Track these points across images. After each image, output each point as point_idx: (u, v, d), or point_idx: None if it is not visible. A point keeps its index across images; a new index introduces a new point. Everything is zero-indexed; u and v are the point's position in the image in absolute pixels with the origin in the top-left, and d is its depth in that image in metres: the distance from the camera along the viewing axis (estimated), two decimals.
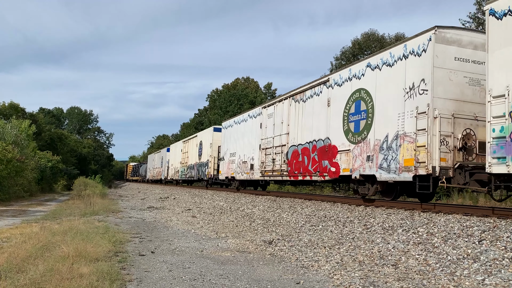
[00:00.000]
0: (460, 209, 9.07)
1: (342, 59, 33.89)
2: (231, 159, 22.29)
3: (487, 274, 5.65)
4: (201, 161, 29.70)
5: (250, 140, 19.72)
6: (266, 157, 17.65)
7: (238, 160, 21.29)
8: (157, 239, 9.87)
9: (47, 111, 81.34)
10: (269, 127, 17.61)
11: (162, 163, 47.57)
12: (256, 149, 18.85)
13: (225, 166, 23.32)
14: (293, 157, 15.28)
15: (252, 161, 19.18)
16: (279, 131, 16.70)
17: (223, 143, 24.26)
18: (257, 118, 19.07)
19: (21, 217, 14.15)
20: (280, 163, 16.38)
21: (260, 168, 18.13)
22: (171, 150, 43.16)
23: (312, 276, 6.34)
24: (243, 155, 20.47)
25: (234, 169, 21.79)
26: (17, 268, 5.95)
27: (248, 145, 19.90)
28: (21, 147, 25.85)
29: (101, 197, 25.34)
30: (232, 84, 62.75)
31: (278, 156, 16.56)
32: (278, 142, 16.66)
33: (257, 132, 18.85)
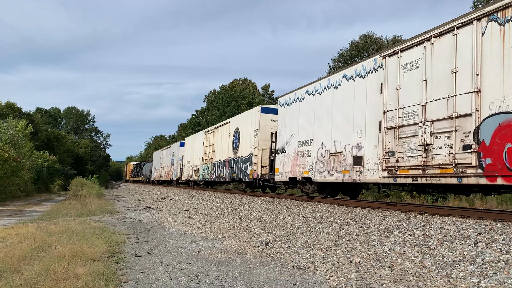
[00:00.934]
0: (457, 211, 9.10)
1: (339, 61, 33.97)
2: (302, 150, 14.99)
3: (482, 276, 5.67)
4: (239, 156, 21.81)
5: (352, 116, 12.28)
6: (399, 142, 10.28)
7: (318, 151, 13.96)
8: (154, 240, 9.85)
9: (44, 111, 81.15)
10: (410, 87, 10.09)
11: (173, 160, 40.11)
12: (369, 129, 11.46)
13: (288, 162, 15.94)
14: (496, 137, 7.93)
15: (359, 151, 11.81)
16: (443, 90, 9.17)
17: (282, 128, 16.74)
18: (370, 76, 11.67)
19: (17, 217, 14.10)
20: (446, 151, 8.93)
21: (382, 162, 10.76)
22: (187, 144, 34.81)
23: (309, 278, 6.34)
24: (332, 142, 13.15)
25: (309, 165, 14.40)
26: (13, 268, 5.93)
27: (346, 124, 12.51)
28: (17, 147, 25.77)
29: (98, 197, 25.28)
30: (229, 85, 62.77)
31: (441, 139, 9.13)
32: (439, 110, 9.22)
33: (372, 99, 11.45)
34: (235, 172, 22.04)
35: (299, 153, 15.19)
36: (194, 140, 32.89)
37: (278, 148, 16.90)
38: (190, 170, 32.60)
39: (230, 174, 22.80)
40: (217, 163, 25.72)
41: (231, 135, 23.50)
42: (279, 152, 16.76)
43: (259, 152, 19.19)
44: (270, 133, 18.40)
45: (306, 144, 14.79)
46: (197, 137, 32.25)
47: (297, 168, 15.18)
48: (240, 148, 21.67)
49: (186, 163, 34.52)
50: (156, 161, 51.38)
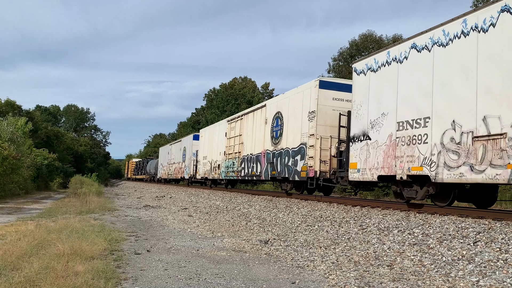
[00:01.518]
0: (456, 210, 9.11)
1: (339, 60, 33.96)
2: (407, 135, 9.84)
3: (481, 275, 5.67)
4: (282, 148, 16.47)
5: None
6: None
7: (445, 136, 8.76)
8: (153, 238, 9.86)
9: (43, 109, 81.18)
10: None
11: (185, 156, 34.78)
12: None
13: (377, 153, 10.74)
14: None
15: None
16: None
17: (361, 105, 11.61)
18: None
19: (17, 215, 14.10)
20: None
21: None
22: (203, 137, 29.52)
23: (308, 276, 6.35)
24: (479, 119, 8.02)
25: (424, 156, 9.21)
26: (12, 265, 5.93)
27: None
28: (17, 144, 25.77)
29: (97, 195, 25.28)
30: (229, 84, 62.77)
31: None
32: None
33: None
34: (276, 168, 16.87)
35: (399, 139, 10.08)
36: (212, 132, 27.37)
37: (355, 135, 11.79)
38: (208, 167, 27.12)
39: (268, 172, 17.63)
40: (247, 158, 20.25)
41: (268, 121, 18.21)
42: (357, 140, 11.68)
43: (317, 141, 13.96)
44: (337, 114, 13.36)
45: (416, 125, 9.61)
46: (216, 128, 26.48)
47: (396, 161, 10.10)
48: (284, 137, 16.38)
49: (201, 158, 28.94)
50: (163, 157, 45.53)
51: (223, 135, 24.63)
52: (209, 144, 27.57)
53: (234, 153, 22.09)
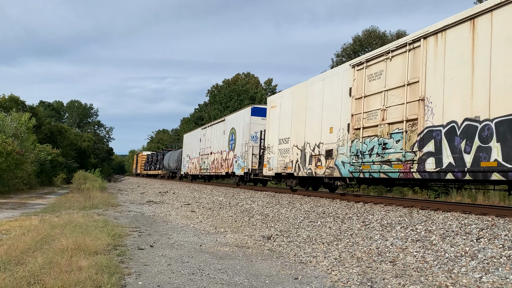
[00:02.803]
0: (459, 207, 9.09)
1: (343, 55, 33.86)
2: None
3: (484, 272, 5.67)
4: None
5: None
6: None
7: None
8: (156, 233, 9.89)
9: (47, 104, 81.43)
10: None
11: (234, 142, 23.65)
12: None
13: None
14: None
15: None
16: None
17: None
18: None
19: (21, 210, 14.18)
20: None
21: None
22: (279, 106, 17.40)
23: (310, 272, 6.37)
24: None
25: None
26: (16, 260, 5.97)
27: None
28: (21, 140, 25.88)
29: (101, 191, 25.36)
30: (232, 80, 62.73)
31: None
32: None
33: None
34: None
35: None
36: (304, 94, 15.20)
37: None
38: (294, 155, 15.69)
39: None
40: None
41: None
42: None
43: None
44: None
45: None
46: (317, 86, 14.49)
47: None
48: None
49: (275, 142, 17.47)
50: (191, 147, 33.50)
51: (341, 93, 12.81)
52: (298, 115, 15.67)
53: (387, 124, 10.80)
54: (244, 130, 22.11)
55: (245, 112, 22.42)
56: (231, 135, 24.42)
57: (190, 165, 33.48)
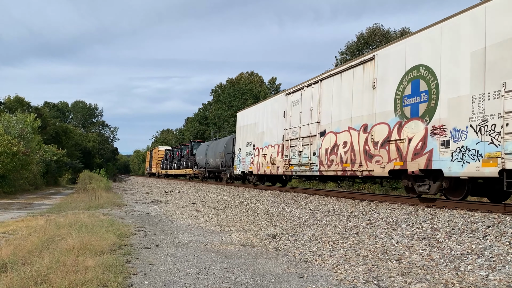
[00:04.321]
0: (465, 204, 9.05)
1: (347, 54, 33.77)
2: None
3: (491, 269, 5.64)
4: None
5: None
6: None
7: None
8: (162, 233, 9.92)
9: (52, 105, 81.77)
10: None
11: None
12: None
13: None
14: None
15: None
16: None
17: None
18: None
19: (27, 210, 14.25)
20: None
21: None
22: None
23: (316, 270, 6.36)
24: None
25: None
26: (23, 260, 6.00)
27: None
28: (26, 140, 26.00)
29: (106, 190, 25.46)
30: (236, 79, 62.76)
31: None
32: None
33: None
34: None
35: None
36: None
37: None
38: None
39: None
40: None
41: None
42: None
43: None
44: None
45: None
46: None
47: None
48: None
49: None
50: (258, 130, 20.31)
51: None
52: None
53: None
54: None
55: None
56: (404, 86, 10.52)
57: (258, 159, 19.79)
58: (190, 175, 37.28)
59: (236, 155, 23.10)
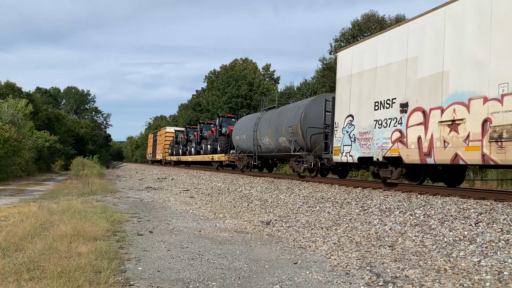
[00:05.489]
0: (458, 191, 9.11)
1: (341, 40, 33.63)
2: None
3: (483, 255, 5.69)
4: None
5: None
6: None
7: None
8: (155, 219, 9.90)
9: (44, 91, 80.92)
10: None
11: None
12: None
13: None
14: None
15: None
16: None
17: None
18: None
19: (19, 196, 14.16)
20: None
21: None
22: None
23: (310, 257, 6.38)
24: None
25: None
26: (16, 246, 5.96)
27: None
28: (18, 126, 25.72)
29: (99, 177, 25.37)
30: (230, 65, 62.39)
31: None
32: None
33: None
34: None
35: None
36: None
37: None
38: None
39: None
40: None
41: None
42: None
43: None
44: None
45: None
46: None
47: None
48: None
49: None
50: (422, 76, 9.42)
51: None
52: None
53: None
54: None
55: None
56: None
57: (423, 131, 9.39)
58: (220, 163, 26.64)
59: (341, 129, 12.73)
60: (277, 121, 17.62)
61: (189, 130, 37.57)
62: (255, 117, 21.25)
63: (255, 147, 20.11)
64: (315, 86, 36.06)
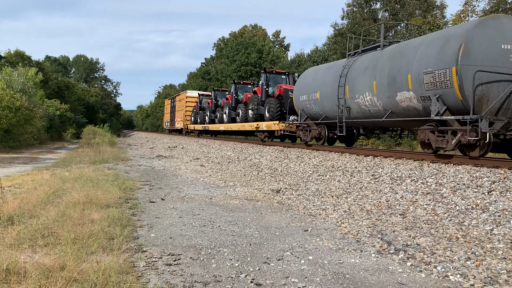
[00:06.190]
0: (470, 160, 8.99)
1: (354, 5, 32.71)
2: None
3: (495, 224, 5.65)
4: None
5: None
6: None
7: None
8: (167, 187, 9.98)
9: (53, 59, 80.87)
10: None
11: None
12: None
13: None
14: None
15: None
16: None
17: None
18: None
19: (32, 164, 14.35)
20: None
21: None
22: None
23: (320, 224, 6.40)
24: None
25: None
26: (30, 213, 6.05)
27: None
28: (28, 95, 25.86)
29: (110, 145, 25.57)
30: (239, 32, 61.42)
31: None
32: None
33: None
34: None
35: None
36: None
37: None
38: None
39: None
40: None
41: None
42: None
43: None
44: None
45: None
46: None
47: None
48: None
49: None
50: None
51: None
52: None
53: None
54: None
55: None
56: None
57: None
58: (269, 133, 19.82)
59: None
60: (393, 66, 10.95)
61: (218, 93, 30.83)
62: (338, 66, 13.86)
63: (341, 110, 13.24)
64: (326, 53, 35.38)
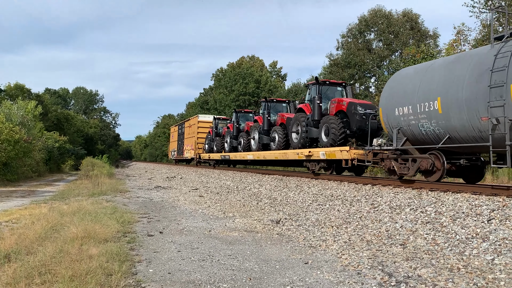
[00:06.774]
0: (469, 188, 9.00)
1: (348, 36, 33.36)
2: None
3: (496, 253, 5.61)
4: None
5: None
6: None
7: None
8: (165, 219, 9.92)
9: (52, 92, 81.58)
10: None
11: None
12: None
13: None
14: None
15: None
16: None
17: None
18: None
19: (30, 198, 14.27)
20: None
21: None
22: None
23: (320, 256, 6.35)
24: None
25: None
26: (27, 249, 6.00)
27: None
28: (28, 127, 25.96)
29: (109, 177, 25.51)
30: (237, 63, 62.29)
31: None
32: None
33: None
34: None
35: None
36: None
37: None
38: None
39: None
40: None
41: None
42: None
43: None
44: None
45: None
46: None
47: None
48: None
49: None
50: None
51: None
52: None
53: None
54: None
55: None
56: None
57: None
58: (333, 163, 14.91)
59: None
60: None
61: (241, 115, 25.12)
62: (478, 57, 8.59)
63: (498, 127, 7.85)
64: None
